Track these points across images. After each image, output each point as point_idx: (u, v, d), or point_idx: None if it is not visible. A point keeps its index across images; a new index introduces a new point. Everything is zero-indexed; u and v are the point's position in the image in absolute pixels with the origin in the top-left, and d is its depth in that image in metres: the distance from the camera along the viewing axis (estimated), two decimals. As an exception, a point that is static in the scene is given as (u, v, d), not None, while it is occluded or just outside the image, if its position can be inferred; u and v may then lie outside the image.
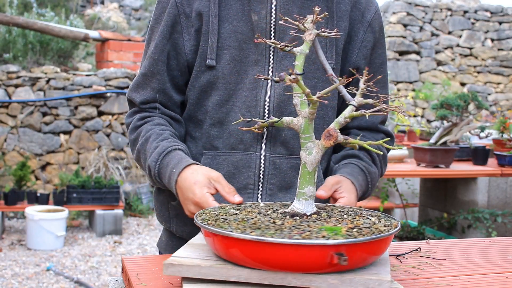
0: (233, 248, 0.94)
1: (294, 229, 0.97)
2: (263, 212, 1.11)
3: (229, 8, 1.41)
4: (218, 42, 1.40)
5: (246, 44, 1.40)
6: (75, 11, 11.32)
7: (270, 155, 1.40)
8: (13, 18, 7.10)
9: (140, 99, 1.45)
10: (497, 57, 10.42)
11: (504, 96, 10.42)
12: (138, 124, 1.44)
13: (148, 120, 1.44)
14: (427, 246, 1.36)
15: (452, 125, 3.57)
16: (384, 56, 1.52)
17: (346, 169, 1.40)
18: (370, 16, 1.46)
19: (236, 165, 1.40)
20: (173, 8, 1.42)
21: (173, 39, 1.43)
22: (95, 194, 6.01)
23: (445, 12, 10.37)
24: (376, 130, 1.53)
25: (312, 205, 1.09)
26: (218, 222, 1.02)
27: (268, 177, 1.40)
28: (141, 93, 1.46)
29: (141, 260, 1.19)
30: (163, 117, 1.46)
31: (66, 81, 6.94)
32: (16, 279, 4.66)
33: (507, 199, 4.03)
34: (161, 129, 1.40)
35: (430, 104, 8.89)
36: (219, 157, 1.42)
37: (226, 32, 1.40)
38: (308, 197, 1.09)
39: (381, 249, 0.98)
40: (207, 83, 1.42)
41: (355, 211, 1.15)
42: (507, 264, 1.22)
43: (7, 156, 6.74)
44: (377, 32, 1.48)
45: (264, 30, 1.39)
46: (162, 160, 1.33)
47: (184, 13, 1.42)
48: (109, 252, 5.48)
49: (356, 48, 1.46)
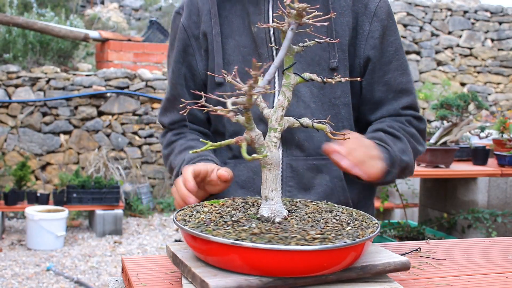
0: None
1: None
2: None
3: (231, 24, 1.46)
4: (224, 58, 1.46)
5: (250, 56, 1.44)
6: (75, 11, 11.32)
7: (287, 158, 1.43)
8: (13, 18, 7.10)
9: (168, 121, 1.56)
10: (497, 57, 10.42)
11: (504, 96, 10.42)
12: (172, 139, 1.54)
13: (182, 136, 1.54)
14: (427, 246, 1.36)
15: (452, 125, 3.57)
16: (398, 43, 1.47)
17: (370, 134, 1.39)
18: (374, 6, 1.44)
19: (255, 171, 1.44)
20: (182, 33, 1.51)
21: (187, 62, 1.52)
22: (95, 194, 6.01)
23: (445, 12, 10.37)
24: (398, 115, 1.47)
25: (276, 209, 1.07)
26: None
27: (286, 180, 1.42)
28: (168, 116, 1.57)
29: (141, 260, 1.19)
30: (194, 132, 1.55)
31: (66, 81, 6.94)
32: (16, 279, 4.66)
33: (507, 199, 4.03)
34: (195, 143, 1.48)
35: (430, 104, 8.89)
36: (240, 165, 1.47)
37: (230, 48, 1.46)
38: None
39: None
40: (217, 100, 1.42)
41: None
42: (507, 264, 1.22)
43: (7, 156, 6.74)
44: (385, 20, 1.44)
45: (265, 40, 1.43)
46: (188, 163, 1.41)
47: (193, 35, 1.50)
48: (109, 252, 5.48)
49: (363, 40, 1.44)
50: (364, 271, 0.99)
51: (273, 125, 1.07)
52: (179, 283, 1.04)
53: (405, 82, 1.47)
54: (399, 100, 1.47)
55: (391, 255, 1.05)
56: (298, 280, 0.94)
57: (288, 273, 0.92)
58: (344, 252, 0.93)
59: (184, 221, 1.04)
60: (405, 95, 1.47)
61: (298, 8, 0.99)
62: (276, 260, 0.90)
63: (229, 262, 0.94)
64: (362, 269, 0.99)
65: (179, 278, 1.07)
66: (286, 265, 0.90)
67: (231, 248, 0.91)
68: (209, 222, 1.02)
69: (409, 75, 1.49)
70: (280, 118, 1.07)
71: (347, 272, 0.98)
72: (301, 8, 0.98)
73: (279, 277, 0.93)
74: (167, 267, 1.14)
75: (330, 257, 0.92)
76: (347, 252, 0.93)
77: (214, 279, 0.91)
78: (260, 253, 0.90)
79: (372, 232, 0.98)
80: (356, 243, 0.92)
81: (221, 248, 0.93)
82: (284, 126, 1.08)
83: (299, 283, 0.94)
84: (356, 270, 0.98)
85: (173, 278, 1.07)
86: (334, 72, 1.41)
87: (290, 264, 0.90)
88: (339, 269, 0.96)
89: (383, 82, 1.46)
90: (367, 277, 1.00)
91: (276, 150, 1.06)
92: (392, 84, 1.46)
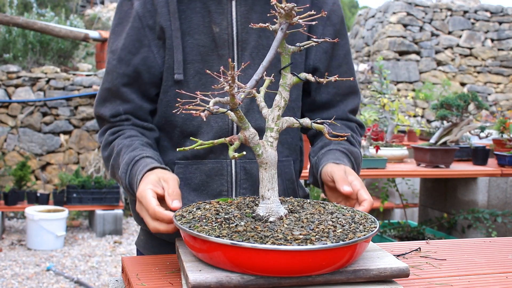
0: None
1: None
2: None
3: (190, 21, 1.39)
4: (183, 56, 1.39)
5: (209, 56, 1.39)
6: (75, 11, 11.33)
7: (240, 161, 1.41)
8: (13, 18, 7.10)
9: (110, 113, 1.43)
10: (497, 57, 10.43)
11: (504, 96, 10.42)
12: (110, 139, 1.41)
13: (119, 134, 1.41)
14: (427, 246, 1.36)
15: (452, 125, 3.57)
16: (347, 47, 1.51)
17: (329, 156, 1.38)
18: (327, 10, 1.47)
19: (208, 174, 1.41)
20: (136, 21, 1.40)
21: (142, 53, 1.40)
22: (95, 194, 6.01)
23: (445, 12, 10.38)
24: (347, 119, 1.53)
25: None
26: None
27: (240, 183, 1.41)
28: (109, 107, 1.43)
29: (141, 260, 1.19)
30: (134, 128, 1.43)
31: (66, 81, 6.94)
32: (16, 279, 4.66)
33: (507, 199, 4.03)
34: (131, 141, 1.36)
35: (430, 104, 8.89)
36: (191, 166, 1.42)
37: (188, 46, 1.39)
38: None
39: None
40: (174, 97, 1.40)
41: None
42: (507, 264, 1.22)
43: (7, 156, 6.74)
44: (338, 24, 1.49)
45: (227, 41, 1.39)
46: (131, 170, 1.29)
47: (148, 25, 1.40)
48: (109, 252, 5.48)
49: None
50: (356, 275, 0.97)
51: (269, 125, 1.07)
52: (179, 283, 1.04)
53: (353, 86, 1.53)
54: (346, 102, 1.52)
55: (390, 261, 1.02)
56: (282, 280, 0.94)
57: (267, 272, 0.92)
58: (325, 254, 0.91)
59: (181, 217, 1.05)
60: (351, 98, 1.53)
61: (286, 7, 0.98)
62: (252, 258, 0.91)
63: (214, 258, 0.95)
64: (353, 273, 0.97)
65: (179, 278, 1.07)
66: (263, 263, 0.91)
67: (213, 244, 0.93)
68: (202, 218, 1.02)
69: (355, 76, 1.54)
70: (276, 117, 1.07)
71: (336, 275, 0.96)
72: (290, 8, 0.98)
73: (261, 276, 0.93)
74: (167, 267, 1.14)
75: (309, 258, 0.91)
76: (329, 254, 0.92)
77: (196, 274, 0.94)
78: (237, 251, 0.91)
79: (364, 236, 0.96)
80: (338, 246, 0.91)
81: (205, 244, 0.95)
82: (283, 126, 1.08)
83: (283, 283, 0.94)
84: (347, 273, 0.97)
85: (173, 278, 1.07)
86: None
87: (266, 263, 0.90)
88: (325, 271, 0.95)
89: (333, 85, 1.49)
90: (359, 282, 0.98)
91: (272, 150, 1.06)
92: (341, 87, 1.51)
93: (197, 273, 0.94)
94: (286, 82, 1.09)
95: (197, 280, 0.92)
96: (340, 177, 1.26)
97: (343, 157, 1.39)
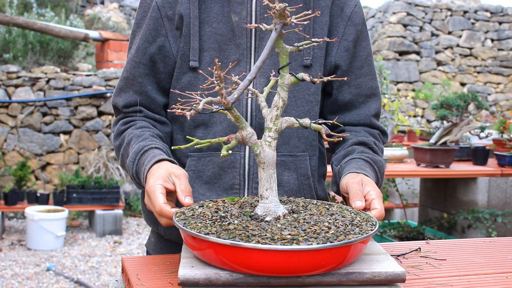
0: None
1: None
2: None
3: (209, 10, 1.41)
4: (199, 44, 1.40)
5: (226, 45, 1.41)
6: (75, 11, 11.32)
7: (254, 154, 1.41)
8: (13, 18, 7.10)
9: (123, 103, 1.45)
10: (497, 57, 10.43)
11: (504, 96, 10.42)
12: (122, 129, 1.44)
13: (131, 125, 1.43)
14: (427, 246, 1.36)
15: (452, 125, 3.57)
16: (369, 49, 1.52)
17: (352, 165, 1.37)
18: (349, 11, 1.48)
19: (221, 166, 1.41)
20: (155, 11, 1.43)
21: (158, 43, 1.43)
22: (95, 194, 6.01)
23: (445, 12, 10.37)
24: (371, 125, 1.52)
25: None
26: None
27: (253, 176, 1.41)
28: (123, 97, 1.46)
29: (141, 260, 1.19)
30: (146, 120, 1.45)
31: (66, 81, 6.94)
32: (16, 279, 4.66)
33: (507, 199, 4.03)
34: (141, 131, 1.38)
35: (430, 104, 8.89)
36: (204, 159, 1.42)
37: (206, 34, 1.41)
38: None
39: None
40: (188, 84, 1.42)
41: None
42: (507, 264, 1.22)
43: (7, 156, 6.74)
44: (359, 25, 1.49)
45: (245, 30, 1.40)
46: (139, 160, 1.31)
47: (167, 16, 1.42)
48: (109, 252, 5.48)
49: (336, 42, 1.47)
50: (348, 278, 0.96)
51: (268, 125, 1.07)
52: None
53: (374, 87, 1.52)
54: (368, 104, 1.51)
55: (388, 265, 1.01)
56: (271, 280, 0.94)
57: (254, 270, 0.92)
58: (311, 255, 0.91)
59: (182, 214, 1.06)
60: (373, 100, 1.52)
61: (278, 7, 0.98)
62: (237, 256, 0.91)
63: (206, 256, 0.96)
64: (346, 276, 0.96)
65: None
66: (248, 262, 0.91)
67: (202, 241, 0.94)
68: (200, 216, 1.03)
69: (377, 80, 1.54)
70: (275, 117, 1.07)
71: (328, 277, 0.96)
72: (281, 8, 0.98)
73: (250, 274, 0.93)
74: (167, 267, 1.14)
75: (294, 259, 0.90)
76: (316, 256, 0.91)
77: (187, 269, 0.95)
78: (224, 248, 0.92)
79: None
80: (324, 247, 0.91)
81: (196, 241, 0.96)
82: (282, 126, 1.08)
83: (273, 283, 0.94)
84: (339, 276, 0.96)
85: (173, 278, 1.07)
86: (307, 70, 1.43)
87: (251, 261, 0.91)
88: (315, 272, 0.94)
89: (355, 85, 1.49)
90: (352, 285, 0.97)
91: (270, 150, 1.06)
92: (363, 88, 1.50)
93: (188, 269, 0.95)
94: (284, 82, 1.08)
95: (186, 276, 0.93)
96: (354, 192, 1.24)
97: (366, 166, 1.37)
